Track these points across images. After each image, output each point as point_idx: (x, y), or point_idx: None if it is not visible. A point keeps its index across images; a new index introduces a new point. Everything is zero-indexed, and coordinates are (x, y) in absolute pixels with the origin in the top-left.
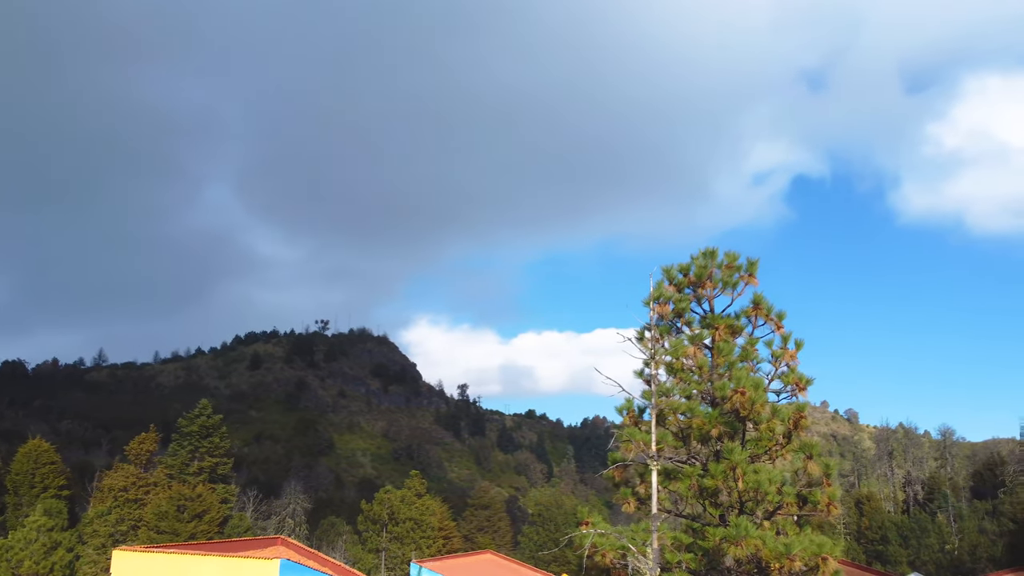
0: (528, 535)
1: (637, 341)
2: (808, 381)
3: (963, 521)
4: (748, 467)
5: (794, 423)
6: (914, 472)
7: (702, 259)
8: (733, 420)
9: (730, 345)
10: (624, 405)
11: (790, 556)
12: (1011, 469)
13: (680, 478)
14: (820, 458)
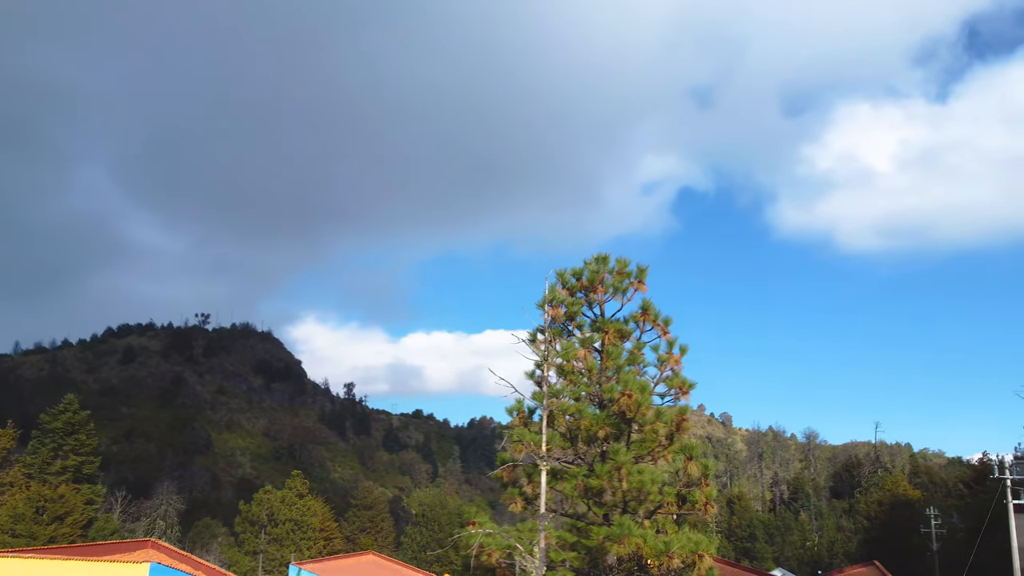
0: (411, 535)
1: (529, 343)
2: (691, 385)
3: (823, 519)
4: (632, 467)
5: (676, 425)
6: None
7: (595, 264)
8: (619, 422)
9: (619, 349)
10: (514, 406)
11: (669, 553)
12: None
13: (567, 478)
14: (700, 459)
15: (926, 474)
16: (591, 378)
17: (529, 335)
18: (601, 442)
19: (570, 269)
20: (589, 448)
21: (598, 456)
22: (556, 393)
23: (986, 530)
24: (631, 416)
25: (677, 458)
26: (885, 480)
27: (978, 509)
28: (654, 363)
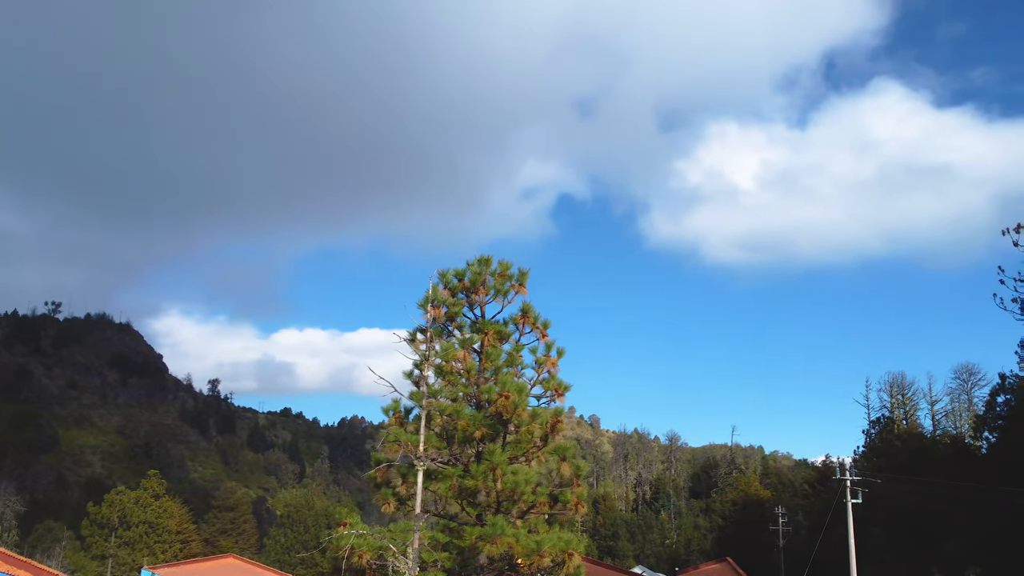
0: (275, 537)
1: (409, 342)
2: (566, 387)
3: (681, 518)
4: (507, 468)
5: (551, 427)
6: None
7: (477, 266)
8: (496, 423)
9: (498, 350)
10: (391, 406)
11: (540, 552)
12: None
13: (441, 479)
14: (572, 460)
15: (776, 475)
16: (470, 379)
17: (409, 334)
18: (477, 443)
19: (452, 270)
20: (465, 448)
21: (474, 457)
22: (434, 393)
23: (827, 527)
24: (508, 417)
25: (551, 459)
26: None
27: (821, 508)
28: (532, 365)
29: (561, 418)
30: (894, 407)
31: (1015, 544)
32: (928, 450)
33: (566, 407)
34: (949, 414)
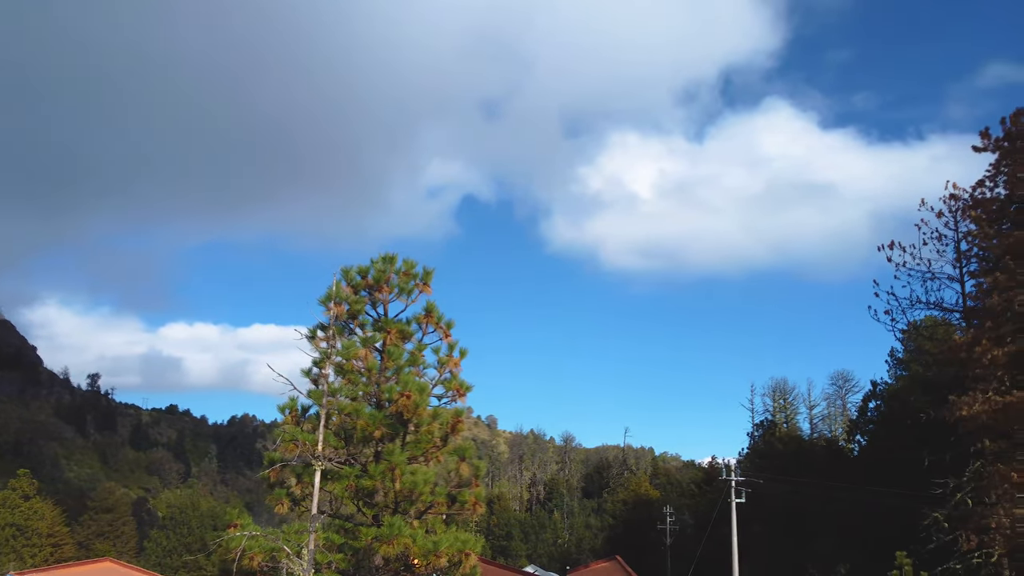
0: (157, 540)
1: (309, 339)
2: (468, 388)
3: (574, 517)
4: (407, 468)
5: (452, 427)
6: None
7: (381, 264)
8: (396, 422)
9: (400, 350)
10: (287, 404)
11: (437, 553)
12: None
13: (338, 479)
14: (472, 460)
15: (665, 476)
16: (370, 378)
17: (309, 331)
18: (376, 442)
19: (356, 267)
20: (364, 448)
21: (372, 457)
22: (334, 392)
23: (713, 525)
24: (408, 417)
25: (450, 459)
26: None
27: (707, 507)
28: (434, 365)
29: (462, 418)
30: (776, 411)
31: (879, 541)
32: (806, 452)
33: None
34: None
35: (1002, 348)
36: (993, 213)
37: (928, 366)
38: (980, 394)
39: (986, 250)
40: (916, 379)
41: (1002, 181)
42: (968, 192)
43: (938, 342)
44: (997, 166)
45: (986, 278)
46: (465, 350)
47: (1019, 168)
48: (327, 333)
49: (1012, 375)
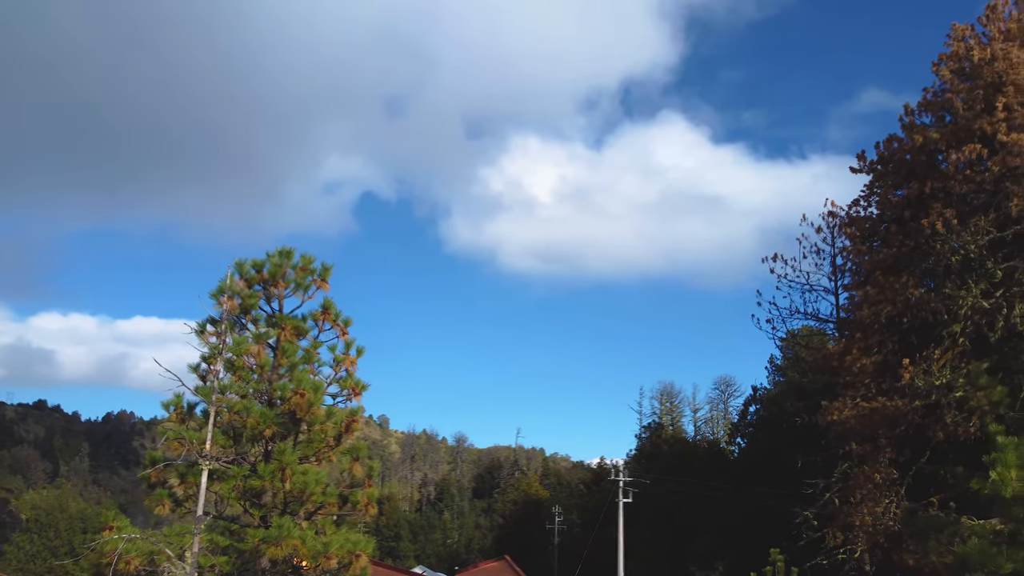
0: (19, 544)
1: (198, 334)
2: (364, 386)
3: (464, 518)
4: (298, 468)
5: (346, 426)
6: (430, 475)
7: (278, 258)
8: (288, 421)
9: (294, 347)
10: (172, 400)
11: (327, 554)
12: (505, 472)
13: (224, 479)
14: (366, 461)
15: (555, 476)
16: (262, 375)
17: (198, 325)
18: (267, 441)
19: (251, 260)
20: (253, 447)
21: (262, 456)
22: (223, 389)
23: (600, 525)
24: (301, 416)
25: (343, 459)
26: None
27: (594, 507)
28: (330, 363)
29: (357, 418)
30: (663, 414)
31: (755, 539)
32: (689, 453)
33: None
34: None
35: (870, 358)
36: (866, 231)
37: (803, 373)
38: (849, 400)
39: (859, 265)
40: (792, 385)
41: (875, 201)
42: (844, 210)
43: (813, 351)
44: (871, 187)
45: (858, 291)
46: (362, 348)
47: (889, 190)
48: (218, 328)
49: (878, 383)
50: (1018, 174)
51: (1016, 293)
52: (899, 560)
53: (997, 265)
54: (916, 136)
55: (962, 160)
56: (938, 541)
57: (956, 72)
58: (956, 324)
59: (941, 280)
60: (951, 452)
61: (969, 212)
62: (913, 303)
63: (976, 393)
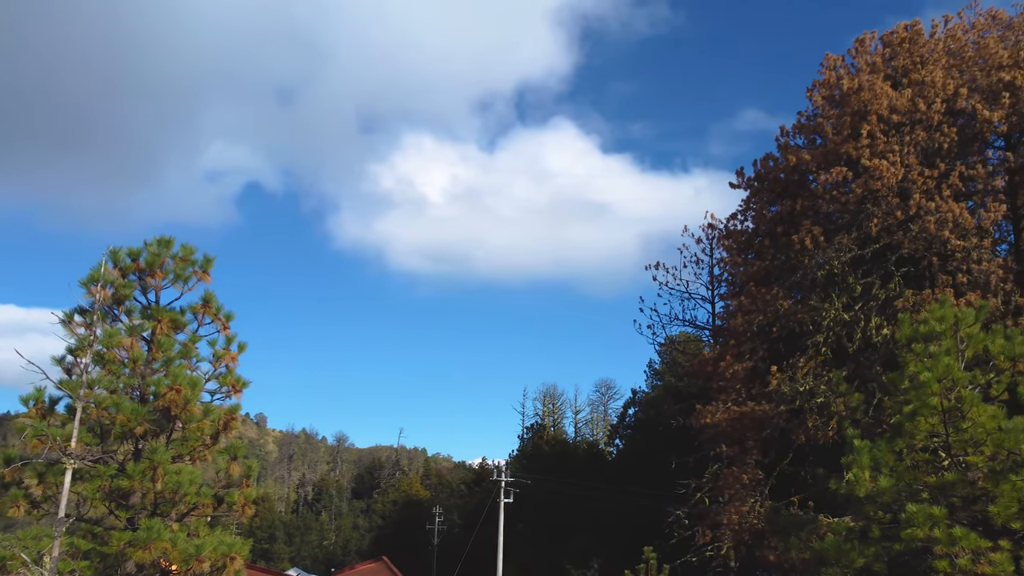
0: None
1: (65, 324)
2: (245, 383)
3: (342, 519)
4: (170, 467)
5: (224, 424)
6: (308, 475)
7: (156, 247)
8: (162, 418)
9: (171, 340)
10: (32, 395)
11: (199, 557)
12: (386, 472)
13: (89, 479)
14: (244, 460)
15: (436, 476)
16: (135, 369)
17: (65, 315)
18: (138, 439)
19: (127, 248)
20: (122, 445)
21: (131, 455)
22: (92, 383)
23: (481, 525)
24: (177, 413)
25: (220, 458)
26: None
27: (475, 507)
28: (209, 358)
29: (236, 415)
30: (545, 415)
31: (631, 537)
32: (569, 454)
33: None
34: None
35: (741, 364)
36: (742, 243)
37: (680, 377)
38: (721, 404)
39: (734, 276)
40: (669, 389)
41: (751, 216)
42: (723, 223)
43: (689, 356)
44: (748, 202)
45: (732, 301)
46: (244, 344)
47: (764, 206)
48: (87, 318)
49: (748, 388)
50: (878, 197)
51: (872, 307)
52: (761, 556)
53: (857, 280)
54: (790, 156)
55: (830, 181)
56: (798, 538)
57: (827, 99)
58: (820, 334)
59: (808, 293)
60: (811, 454)
61: (834, 230)
62: (782, 314)
63: (835, 399)
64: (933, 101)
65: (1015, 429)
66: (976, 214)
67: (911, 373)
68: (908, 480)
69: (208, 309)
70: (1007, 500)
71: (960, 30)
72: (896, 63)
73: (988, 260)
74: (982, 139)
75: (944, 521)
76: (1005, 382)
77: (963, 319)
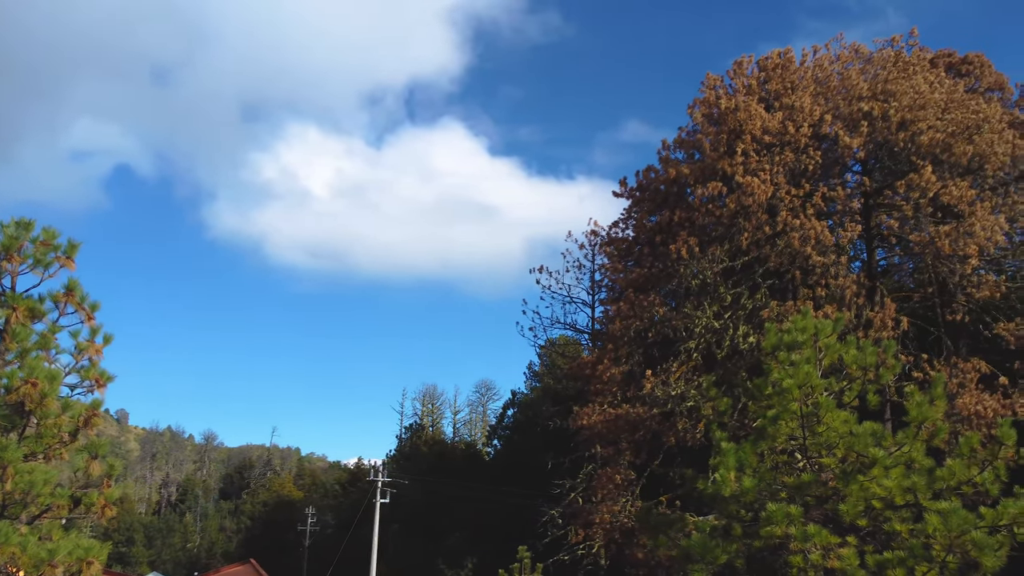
0: None
1: None
2: (109, 377)
3: (207, 520)
4: (22, 466)
5: (85, 420)
6: (173, 474)
7: (14, 229)
8: (14, 413)
9: (28, 331)
10: None
11: (52, 562)
12: (257, 472)
13: None
14: (106, 459)
15: (310, 476)
16: None
17: None
18: None
19: None
20: None
21: None
22: None
23: (356, 525)
24: (32, 407)
25: (78, 457)
26: (272, 482)
27: (350, 507)
28: (70, 350)
29: (98, 411)
30: (424, 415)
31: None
32: (447, 454)
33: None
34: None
35: (618, 368)
36: (623, 251)
37: (559, 379)
38: (598, 406)
39: (614, 282)
40: (548, 391)
41: (632, 224)
42: (605, 230)
43: (569, 359)
44: (629, 211)
45: (612, 306)
46: (111, 336)
47: (645, 215)
48: None
49: (624, 391)
50: (749, 212)
51: (740, 316)
52: (631, 554)
53: (727, 290)
54: (670, 169)
55: (706, 195)
56: (666, 536)
57: (707, 116)
58: (692, 341)
59: (682, 301)
60: (680, 455)
61: (708, 242)
62: (658, 320)
63: (705, 403)
64: (801, 125)
65: (864, 433)
66: (835, 233)
67: (774, 379)
68: (769, 480)
69: (71, 298)
70: (855, 499)
71: (827, 60)
72: (770, 87)
73: (844, 276)
74: (842, 163)
75: (799, 519)
76: (856, 389)
77: (822, 330)
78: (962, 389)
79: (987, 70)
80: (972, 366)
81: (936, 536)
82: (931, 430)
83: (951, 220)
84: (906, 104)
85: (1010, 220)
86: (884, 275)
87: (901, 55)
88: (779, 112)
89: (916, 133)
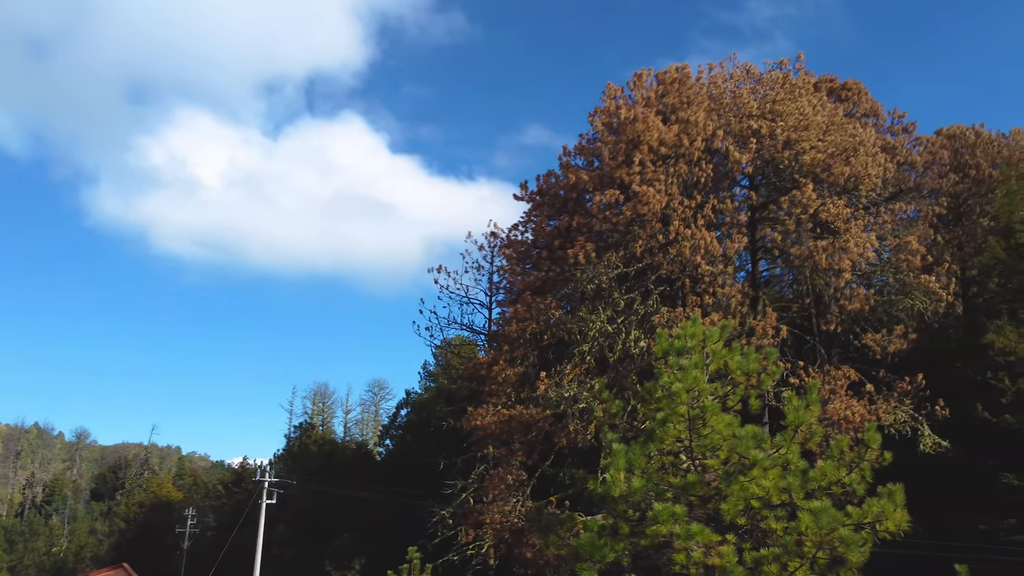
0: None
1: None
2: None
3: (77, 523)
4: None
5: None
6: (39, 474)
7: None
8: None
9: None
10: None
11: None
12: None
13: None
14: None
15: (191, 476)
16: None
17: None
18: None
19: None
20: None
21: None
22: None
23: (240, 527)
24: None
25: None
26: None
27: (234, 508)
28: None
29: None
30: (315, 414)
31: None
32: (338, 454)
33: None
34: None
35: (514, 369)
36: (521, 254)
37: (453, 380)
38: (492, 407)
39: (512, 284)
40: (442, 391)
41: (531, 228)
42: (505, 233)
43: (464, 359)
44: (529, 215)
45: (509, 308)
46: None
47: (544, 220)
48: None
49: (518, 392)
50: (644, 220)
51: (633, 321)
52: (520, 554)
53: (621, 296)
54: (570, 175)
55: (604, 202)
56: (556, 535)
57: (606, 125)
58: (585, 344)
59: (577, 305)
60: (571, 456)
61: (605, 248)
62: (553, 323)
63: (597, 405)
64: (695, 139)
65: (745, 436)
66: (723, 243)
67: (664, 383)
68: (656, 481)
69: None
70: (736, 499)
71: (721, 78)
72: (667, 100)
73: (730, 285)
74: (732, 177)
75: (684, 518)
76: (739, 394)
77: (709, 337)
78: (833, 395)
79: (864, 96)
80: (843, 373)
81: (808, 533)
82: (806, 434)
83: (828, 236)
84: (791, 124)
85: (880, 238)
86: (766, 285)
87: (788, 78)
88: (675, 125)
89: (799, 152)
